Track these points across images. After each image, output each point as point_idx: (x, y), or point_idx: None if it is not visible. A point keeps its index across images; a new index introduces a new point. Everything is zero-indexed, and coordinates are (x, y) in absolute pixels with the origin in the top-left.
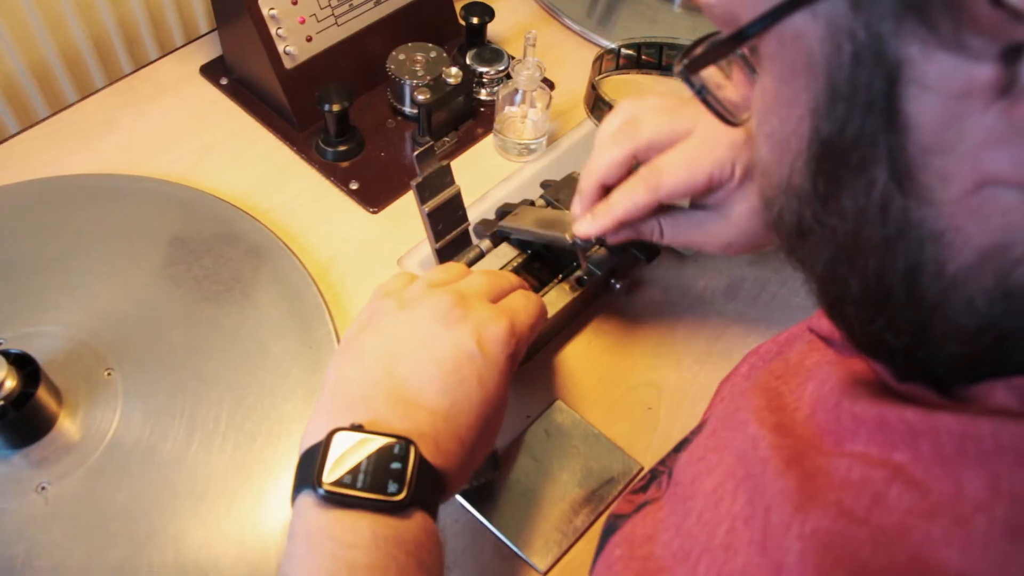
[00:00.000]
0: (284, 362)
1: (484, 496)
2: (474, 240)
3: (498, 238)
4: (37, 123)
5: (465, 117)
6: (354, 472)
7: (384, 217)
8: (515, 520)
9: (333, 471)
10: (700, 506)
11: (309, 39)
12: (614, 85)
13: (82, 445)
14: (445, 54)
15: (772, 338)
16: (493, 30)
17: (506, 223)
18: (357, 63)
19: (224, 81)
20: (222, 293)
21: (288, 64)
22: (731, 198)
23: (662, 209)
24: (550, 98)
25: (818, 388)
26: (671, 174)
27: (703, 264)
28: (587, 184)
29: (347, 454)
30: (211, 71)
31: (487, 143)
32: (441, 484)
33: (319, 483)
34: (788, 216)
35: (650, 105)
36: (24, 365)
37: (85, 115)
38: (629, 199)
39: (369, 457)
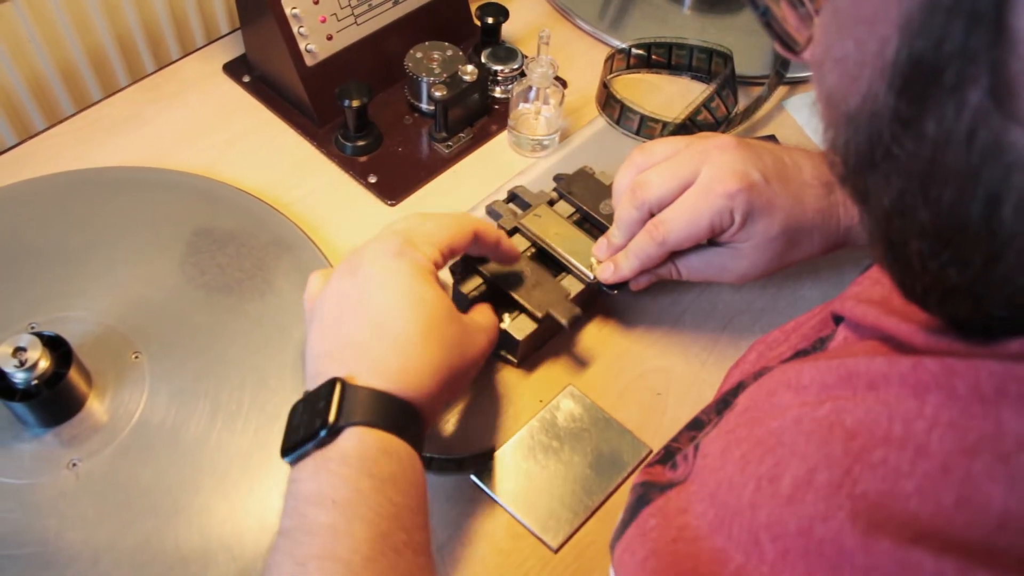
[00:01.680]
0: (304, 347)
1: (498, 476)
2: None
3: (515, 230)
4: (65, 119)
5: (480, 114)
6: (295, 429)
7: (401, 209)
8: (528, 500)
9: (287, 438)
10: (729, 474)
11: (330, 38)
12: (625, 83)
13: (111, 424)
14: (461, 53)
15: (779, 327)
16: (507, 30)
17: (528, 224)
18: (375, 61)
19: (246, 79)
20: (245, 281)
21: (309, 62)
22: (736, 237)
23: (676, 253)
24: (563, 95)
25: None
26: (674, 228)
27: None
28: (613, 244)
29: (295, 418)
30: (234, 69)
31: (501, 139)
32: (378, 398)
33: (282, 454)
34: (857, 145)
35: (658, 155)
36: (57, 347)
37: (112, 111)
38: (642, 251)
39: (301, 413)
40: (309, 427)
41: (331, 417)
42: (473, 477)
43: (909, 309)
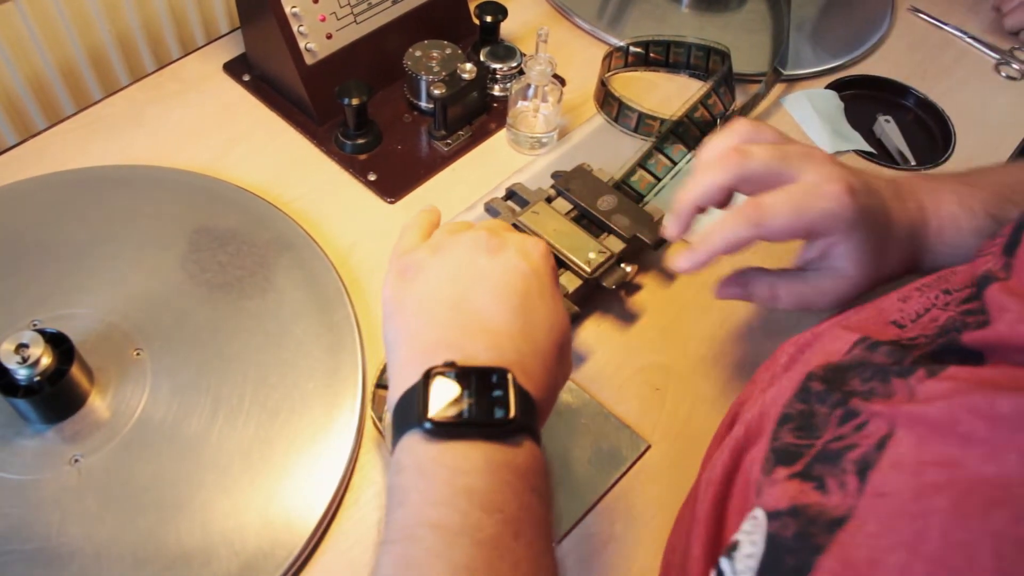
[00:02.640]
0: (305, 343)
1: None
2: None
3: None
4: (66, 118)
5: (479, 112)
6: (458, 403)
7: (401, 207)
8: None
9: (437, 406)
10: (940, 528)
11: (329, 36)
12: (623, 81)
13: (113, 420)
14: (460, 51)
15: (809, 329)
16: (506, 29)
17: (526, 221)
18: (375, 60)
19: (246, 77)
20: (246, 278)
21: (309, 60)
22: (834, 252)
23: (776, 273)
24: (561, 93)
25: None
26: (777, 214)
27: None
28: (683, 204)
29: (446, 390)
30: (234, 68)
31: (500, 137)
32: (536, 408)
33: (425, 418)
34: None
35: (765, 135)
36: (59, 343)
37: (113, 110)
38: (730, 232)
39: (470, 388)
40: (483, 414)
41: (512, 413)
42: None
43: None
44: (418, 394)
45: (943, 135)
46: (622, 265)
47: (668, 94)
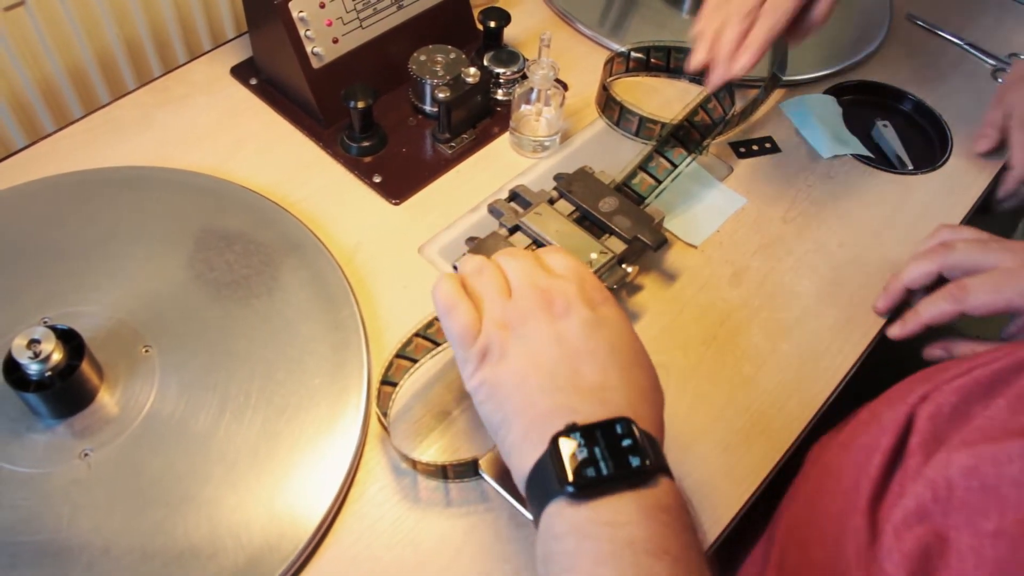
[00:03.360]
0: (311, 341)
1: (501, 466)
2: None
3: (516, 228)
4: (75, 121)
5: (482, 116)
6: (593, 462)
7: (406, 208)
8: None
9: (574, 468)
10: None
11: (335, 41)
12: (624, 86)
13: (122, 416)
14: (464, 56)
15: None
16: (509, 34)
17: (529, 222)
18: (380, 64)
19: (253, 81)
20: (252, 277)
21: (316, 64)
22: None
23: (980, 343)
24: (563, 97)
25: None
26: (977, 292)
27: (709, 253)
28: (896, 285)
29: (576, 451)
30: (241, 72)
31: (503, 140)
32: (660, 448)
33: (567, 483)
34: None
35: (965, 235)
36: (69, 340)
37: (121, 113)
38: (936, 309)
39: (599, 444)
40: (622, 465)
41: (647, 457)
42: (478, 468)
43: None
44: (551, 462)
45: (940, 140)
46: (623, 266)
47: (669, 99)
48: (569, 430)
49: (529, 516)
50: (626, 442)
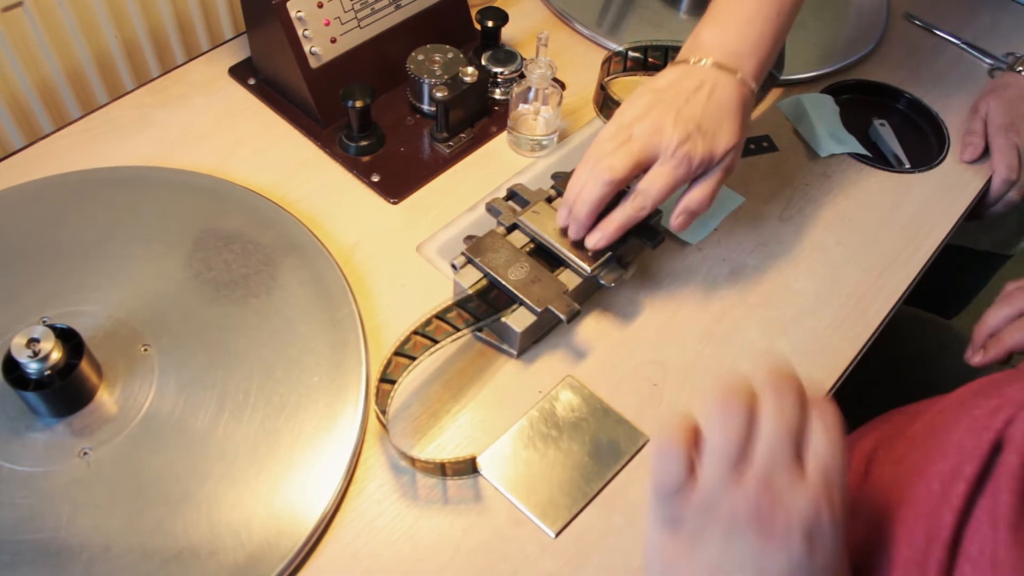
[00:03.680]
0: (310, 339)
1: (499, 465)
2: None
3: (514, 226)
4: (74, 121)
5: (480, 115)
6: None
7: (404, 207)
8: (528, 487)
9: None
10: None
11: (333, 40)
12: (622, 86)
13: (121, 414)
14: (462, 55)
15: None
16: (507, 33)
17: (527, 220)
18: (378, 63)
19: (252, 81)
20: (251, 276)
21: (314, 64)
22: None
23: None
24: (561, 97)
25: None
26: None
27: (707, 252)
28: (980, 334)
29: None
30: (239, 72)
31: (501, 139)
32: None
33: None
34: None
35: None
36: (69, 339)
37: (120, 113)
38: (1011, 340)
39: None
40: None
41: None
42: (477, 466)
43: None
44: None
45: (937, 139)
46: (621, 264)
47: None
48: None
49: (528, 513)
50: None
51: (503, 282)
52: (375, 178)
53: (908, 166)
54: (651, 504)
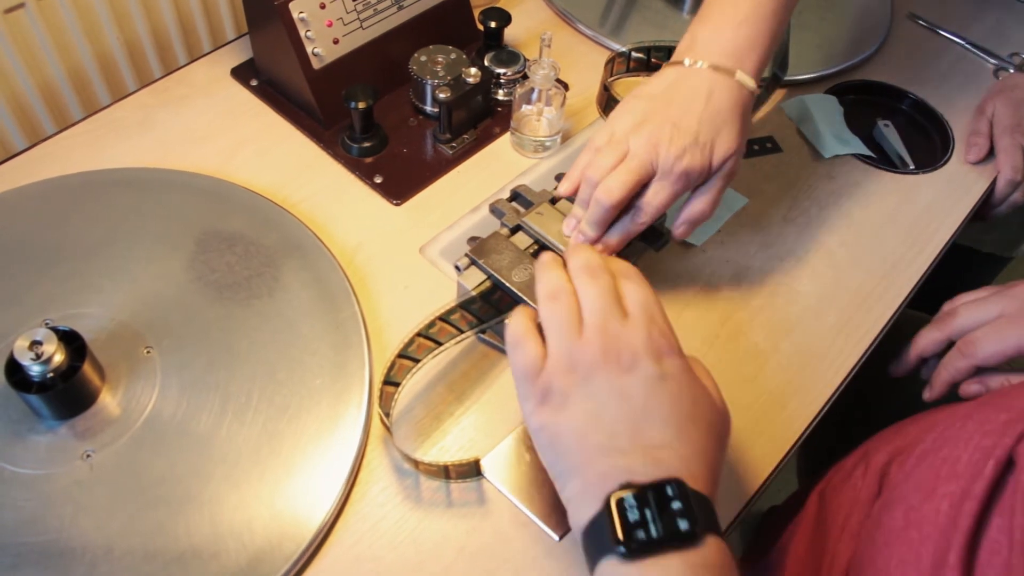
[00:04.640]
0: (312, 341)
1: (502, 468)
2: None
3: (517, 228)
4: (76, 122)
5: (483, 116)
6: (643, 524)
7: (406, 209)
8: (531, 490)
9: (625, 529)
10: None
11: (336, 41)
12: (625, 86)
13: (124, 416)
14: (464, 56)
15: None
16: (510, 34)
17: (531, 222)
18: (381, 64)
19: (254, 83)
20: (253, 277)
21: (316, 65)
22: None
23: (1011, 374)
24: (564, 97)
25: None
26: (983, 344)
27: (711, 254)
28: (910, 355)
29: (629, 511)
30: (241, 73)
31: (504, 140)
32: (712, 506)
33: (617, 543)
34: None
35: (963, 299)
36: (71, 341)
37: (122, 115)
38: (953, 367)
39: (650, 506)
40: (670, 527)
41: (695, 521)
42: (480, 468)
43: None
44: (605, 521)
45: (942, 139)
46: None
47: None
48: (623, 489)
49: (531, 515)
50: (676, 505)
51: (507, 284)
52: (378, 179)
53: (912, 167)
54: (519, 394)
